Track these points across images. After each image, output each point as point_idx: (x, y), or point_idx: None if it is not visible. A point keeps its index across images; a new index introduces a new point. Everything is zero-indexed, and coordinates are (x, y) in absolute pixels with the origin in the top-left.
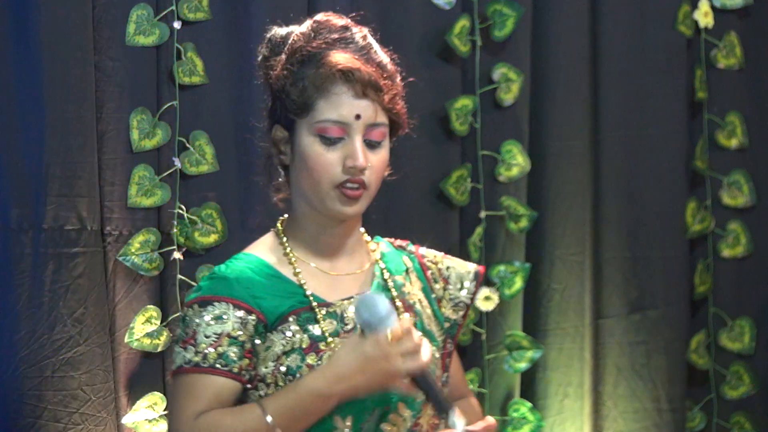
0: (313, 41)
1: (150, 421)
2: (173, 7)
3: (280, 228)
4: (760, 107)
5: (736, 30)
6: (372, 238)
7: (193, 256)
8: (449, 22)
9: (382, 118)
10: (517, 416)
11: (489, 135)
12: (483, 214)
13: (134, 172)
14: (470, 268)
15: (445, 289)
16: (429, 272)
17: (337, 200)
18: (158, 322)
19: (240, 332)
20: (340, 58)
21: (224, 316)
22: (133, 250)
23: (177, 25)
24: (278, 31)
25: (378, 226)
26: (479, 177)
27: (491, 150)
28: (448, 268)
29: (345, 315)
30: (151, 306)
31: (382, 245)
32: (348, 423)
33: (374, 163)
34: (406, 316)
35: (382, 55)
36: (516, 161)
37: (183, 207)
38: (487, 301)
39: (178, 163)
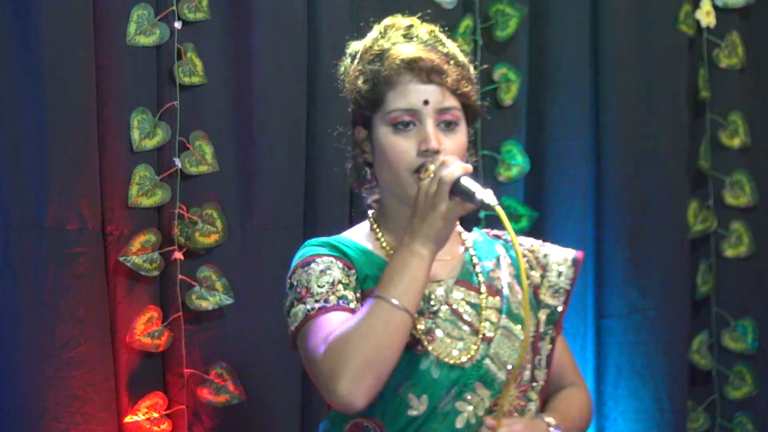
0: (380, 41)
1: (151, 420)
2: (173, 8)
3: (372, 219)
4: (763, 107)
5: (738, 29)
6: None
7: (194, 256)
8: (450, 21)
9: (452, 102)
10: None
11: (489, 135)
12: (483, 214)
13: (135, 172)
14: (568, 254)
15: (543, 276)
16: (525, 259)
17: (416, 185)
18: (159, 322)
19: (348, 279)
20: (403, 49)
21: (330, 268)
22: (134, 251)
23: (177, 25)
24: (354, 44)
25: None
26: (480, 177)
27: (491, 150)
28: (545, 255)
29: (432, 297)
30: (152, 306)
31: (476, 234)
32: (423, 401)
33: (449, 146)
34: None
35: (450, 46)
36: (516, 161)
37: (183, 207)
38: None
39: (178, 163)
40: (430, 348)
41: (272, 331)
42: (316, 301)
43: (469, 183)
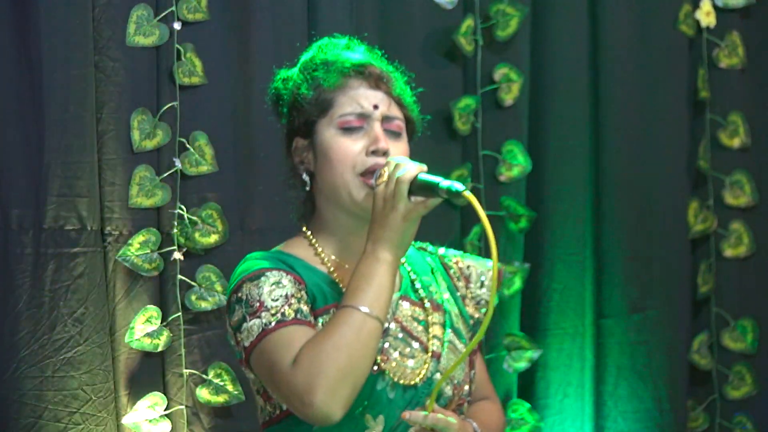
0: (320, 54)
1: (150, 420)
2: (173, 8)
3: (306, 232)
4: (763, 107)
5: (738, 29)
6: None
7: (193, 256)
8: (451, 21)
9: (397, 112)
10: (516, 417)
11: (490, 135)
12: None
13: (135, 173)
14: (489, 266)
15: (467, 287)
16: (451, 271)
17: (362, 188)
18: (158, 322)
19: (301, 293)
20: (351, 55)
21: (282, 281)
22: (132, 251)
23: (177, 25)
24: (283, 70)
25: None
26: (480, 177)
27: (492, 150)
28: (468, 267)
29: None
30: (152, 306)
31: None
32: (380, 421)
33: (395, 153)
34: (436, 316)
35: (387, 62)
36: (517, 161)
37: (183, 207)
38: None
39: (178, 163)
40: (384, 367)
41: None
42: (273, 315)
43: (428, 177)
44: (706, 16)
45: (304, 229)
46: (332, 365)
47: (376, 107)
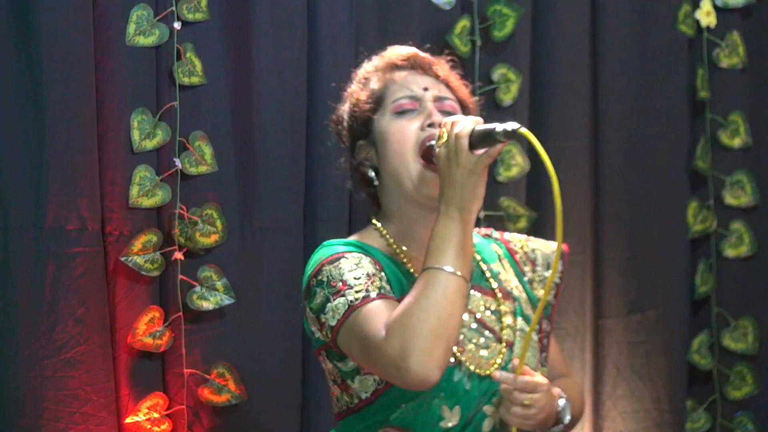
0: (373, 62)
1: (151, 421)
2: (173, 8)
3: (376, 224)
4: (763, 106)
5: (738, 29)
6: None
7: (194, 256)
8: (449, 22)
9: (448, 93)
10: None
11: None
12: (482, 214)
13: (135, 173)
14: (554, 247)
15: (533, 271)
16: (517, 256)
17: (423, 172)
18: (161, 322)
19: (380, 273)
20: (399, 50)
21: (360, 262)
22: (135, 251)
23: (177, 25)
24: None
25: None
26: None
27: None
28: (533, 250)
29: None
30: (155, 306)
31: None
32: (456, 412)
33: None
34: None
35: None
36: (515, 161)
37: (183, 207)
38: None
39: (178, 163)
40: (462, 359)
41: (272, 330)
42: (357, 292)
43: (484, 126)
44: (706, 16)
45: (374, 221)
46: (424, 327)
47: (426, 89)
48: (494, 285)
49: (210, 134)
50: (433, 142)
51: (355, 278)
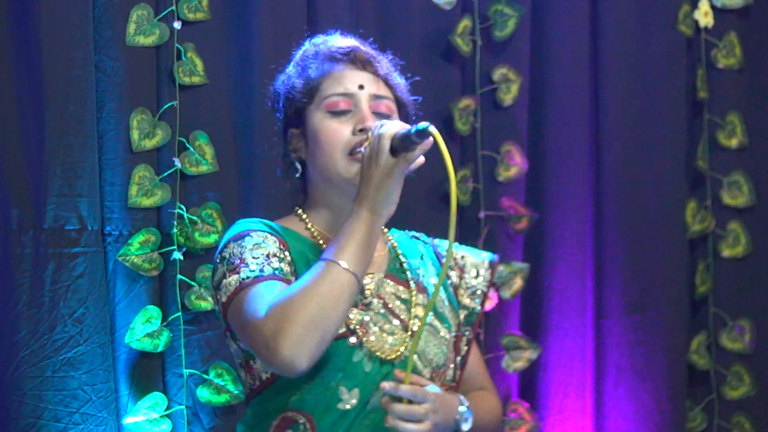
0: (311, 48)
1: (150, 420)
2: (173, 7)
3: (298, 210)
4: (760, 107)
5: (736, 30)
6: (387, 229)
7: (193, 256)
8: (449, 22)
9: (386, 92)
10: (515, 417)
11: (488, 135)
12: (483, 214)
13: (134, 173)
14: (485, 257)
15: (461, 277)
16: (443, 260)
17: (351, 165)
18: (158, 322)
19: (283, 254)
20: (338, 41)
21: (264, 242)
22: (133, 250)
23: (177, 25)
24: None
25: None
26: (479, 177)
27: (491, 150)
28: (462, 257)
29: (365, 288)
30: (152, 306)
31: (397, 235)
32: (354, 394)
33: None
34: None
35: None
36: (515, 161)
37: (183, 207)
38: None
39: (178, 163)
40: (363, 340)
41: None
42: (251, 271)
43: (405, 130)
44: (704, 17)
45: (296, 208)
46: (302, 314)
47: (361, 87)
48: (409, 276)
49: (210, 134)
50: (362, 149)
51: (253, 257)
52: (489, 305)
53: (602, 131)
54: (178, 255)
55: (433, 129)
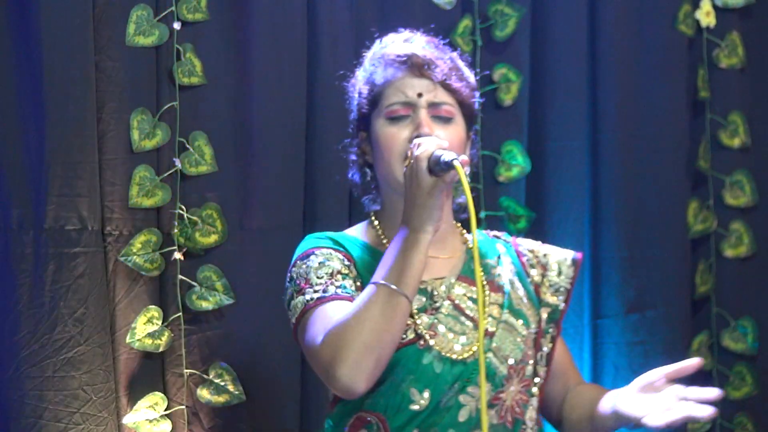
0: (381, 49)
1: (150, 420)
2: (173, 8)
3: (372, 218)
4: (762, 107)
5: (738, 29)
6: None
7: (194, 256)
8: (450, 22)
9: (445, 97)
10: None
11: (489, 135)
12: (483, 214)
13: (135, 173)
14: (568, 254)
15: (543, 275)
16: (524, 258)
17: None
18: (159, 322)
19: (348, 270)
20: (398, 48)
21: (329, 259)
22: (134, 250)
23: (176, 25)
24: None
25: None
26: (479, 177)
27: (491, 150)
28: (545, 255)
29: (435, 293)
30: (153, 306)
31: (477, 234)
32: (426, 395)
33: (445, 137)
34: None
35: (449, 50)
36: (516, 161)
37: (183, 207)
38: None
39: (178, 163)
40: (432, 343)
41: (272, 331)
42: (315, 292)
43: (439, 152)
44: (705, 16)
45: (372, 215)
46: (357, 339)
47: (420, 95)
48: (483, 276)
49: (210, 134)
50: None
51: (317, 277)
52: None
53: (602, 131)
54: (178, 255)
55: (457, 163)
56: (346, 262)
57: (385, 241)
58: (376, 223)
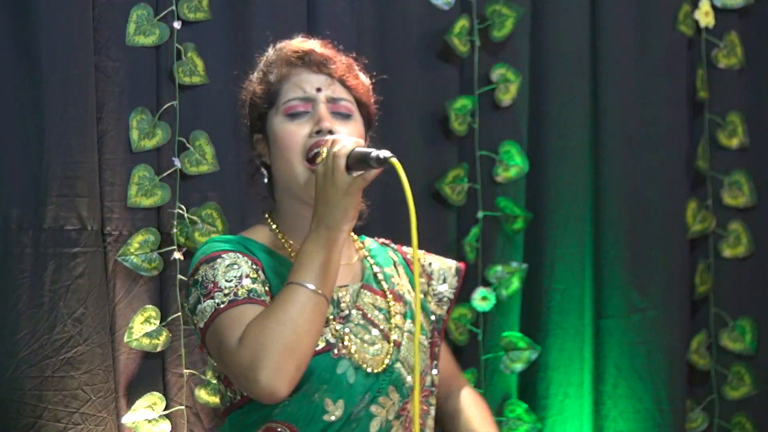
0: (274, 53)
1: (150, 421)
2: (173, 7)
3: (267, 219)
4: (761, 107)
5: (736, 30)
6: (358, 236)
7: (193, 256)
8: (448, 22)
9: (344, 94)
10: (513, 417)
11: (487, 135)
12: (480, 214)
13: (134, 172)
14: (451, 264)
15: (428, 284)
16: (413, 266)
17: (306, 173)
18: (157, 322)
19: (256, 274)
20: (296, 45)
21: (237, 263)
22: (132, 250)
23: (177, 25)
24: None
25: (375, 225)
26: (477, 177)
27: (489, 150)
28: (430, 264)
29: (341, 301)
30: (150, 306)
31: (368, 242)
32: (339, 406)
33: (345, 133)
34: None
35: (340, 51)
36: (514, 162)
37: (183, 207)
38: (483, 301)
39: (178, 163)
40: (345, 352)
41: None
42: (225, 295)
43: (362, 149)
44: (705, 16)
45: (266, 216)
46: (276, 341)
47: (319, 90)
48: (385, 286)
49: (210, 133)
50: (318, 150)
51: (226, 280)
52: (485, 307)
53: (602, 131)
54: (178, 255)
55: (395, 160)
56: (254, 266)
57: (284, 243)
58: (273, 226)
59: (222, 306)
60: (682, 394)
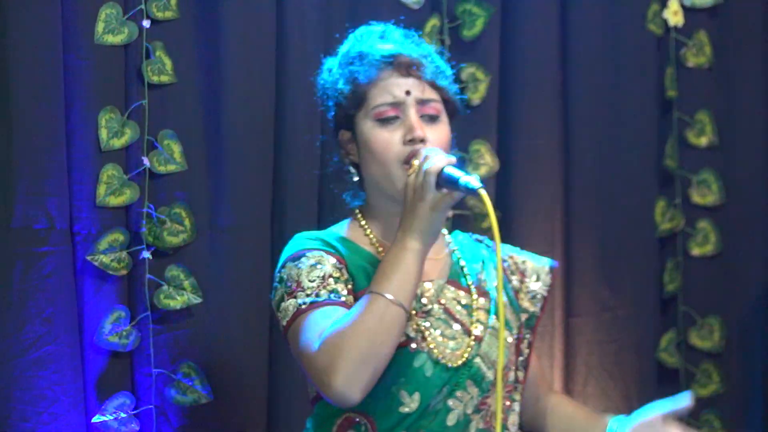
0: (356, 45)
1: (119, 420)
2: (142, 6)
3: (357, 214)
4: (730, 106)
5: (705, 29)
6: (450, 232)
7: (162, 255)
8: (418, 21)
9: (432, 95)
10: None
11: (457, 135)
12: (450, 213)
13: (103, 172)
14: (545, 262)
15: (521, 281)
16: (504, 264)
17: (404, 178)
18: (127, 321)
19: (339, 273)
20: (382, 47)
21: (320, 263)
22: (101, 250)
23: (146, 23)
24: (329, 59)
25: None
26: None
27: (459, 150)
28: (524, 262)
29: (423, 296)
30: (119, 307)
31: (460, 237)
32: (415, 398)
33: (433, 138)
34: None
35: (425, 44)
36: (484, 161)
37: (152, 206)
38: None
39: (147, 162)
40: (423, 346)
41: (240, 330)
42: (308, 296)
43: (453, 171)
44: (674, 16)
45: (356, 212)
46: (353, 350)
47: (408, 93)
48: (470, 281)
49: (179, 133)
50: (412, 160)
51: (309, 280)
52: None
53: (571, 130)
54: (146, 254)
55: (483, 192)
56: (338, 265)
57: (374, 241)
58: (363, 222)
59: (303, 306)
60: (652, 392)
